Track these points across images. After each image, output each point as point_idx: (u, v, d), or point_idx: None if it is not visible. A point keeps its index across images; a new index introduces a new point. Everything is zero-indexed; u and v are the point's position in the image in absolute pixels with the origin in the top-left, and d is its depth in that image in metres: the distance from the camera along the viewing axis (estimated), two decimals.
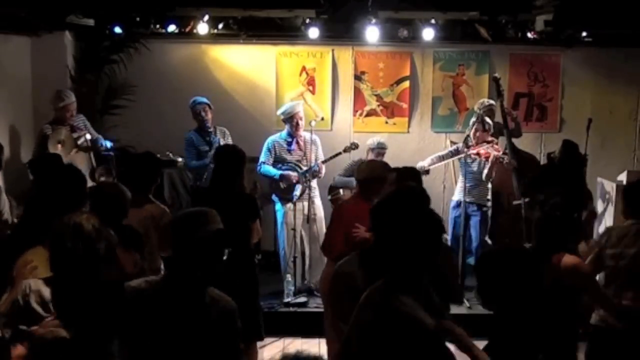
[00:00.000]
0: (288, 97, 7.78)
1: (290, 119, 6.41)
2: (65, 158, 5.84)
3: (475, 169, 6.52)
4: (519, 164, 6.49)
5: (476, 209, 6.57)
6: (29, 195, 4.90)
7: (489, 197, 6.64)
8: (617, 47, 7.56)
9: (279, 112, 6.67)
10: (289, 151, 6.48)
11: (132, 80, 7.44)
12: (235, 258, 4.55)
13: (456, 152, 6.64)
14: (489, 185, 6.61)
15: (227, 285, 4.46)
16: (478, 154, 6.41)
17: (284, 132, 6.53)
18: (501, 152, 6.40)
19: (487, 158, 6.39)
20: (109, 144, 6.65)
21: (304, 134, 6.49)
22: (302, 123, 6.43)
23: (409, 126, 7.93)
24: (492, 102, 7.01)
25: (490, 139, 6.52)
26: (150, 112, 7.60)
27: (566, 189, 5.01)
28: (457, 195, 6.67)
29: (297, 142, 6.48)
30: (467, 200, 6.52)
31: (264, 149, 6.53)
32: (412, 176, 4.42)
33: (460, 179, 6.65)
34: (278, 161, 6.48)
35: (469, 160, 6.50)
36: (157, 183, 4.51)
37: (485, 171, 6.41)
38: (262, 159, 6.51)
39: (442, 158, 6.67)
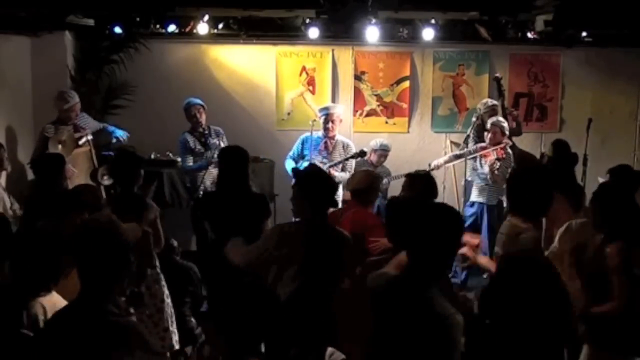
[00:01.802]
0: (288, 97, 7.79)
1: (325, 117, 6.41)
2: (66, 158, 5.83)
3: (486, 170, 6.51)
4: (520, 164, 6.48)
5: (486, 210, 6.58)
6: (29, 194, 4.92)
7: (502, 198, 6.58)
8: (617, 47, 7.57)
9: (317, 109, 6.68)
10: (315, 149, 6.43)
11: (132, 80, 7.44)
12: None
13: (473, 152, 6.67)
14: (505, 186, 6.56)
15: (238, 285, 4.49)
16: (484, 157, 6.43)
17: (321, 132, 6.51)
18: (502, 155, 6.38)
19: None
20: (121, 133, 6.61)
21: (340, 138, 6.47)
22: (333, 126, 6.41)
23: (409, 126, 7.93)
24: (495, 102, 7.02)
25: (505, 141, 6.47)
26: (150, 112, 7.59)
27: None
28: (472, 195, 6.70)
29: (326, 143, 6.45)
30: (479, 201, 6.58)
31: (296, 143, 6.55)
32: (424, 182, 4.44)
33: (476, 180, 6.67)
34: (302, 157, 6.48)
35: (481, 162, 6.51)
36: (139, 180, 4.50)
37: (489, 175, 6.41)
38: (290, 153, 6.52)
39: (458, 157, 6.71)
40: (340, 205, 5.20)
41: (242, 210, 4.49)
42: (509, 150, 6.47)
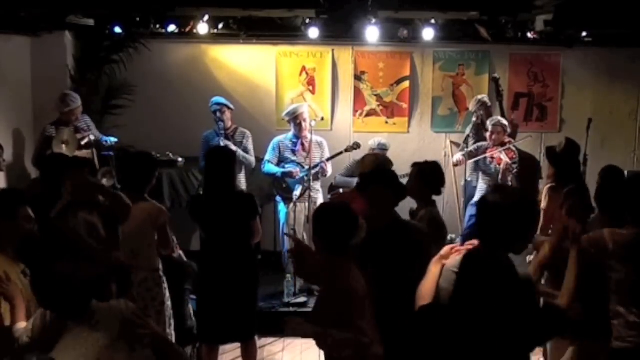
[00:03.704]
0: (288, 97, 7.79)
1: (294, 119, 6.41)
2: None
3: (492, 170, 6.53)
4: (518, 164, 6.50)
5: None
6: (33, 193, 4.91)
7: None
8: (617, 47, 7.57)
9: (283, 113, 6.69)
10: (294, 152, 6.47)
11: (132, 80, 7.44)
12: (236, 257, 4.59)
13: (475, 153, 6.68)
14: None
15: (228, 283, 4.51)
16: (492, 157, 6.44)
17: (291, 133, 6.53)
18: (514, 157, 6.40)
19: (499, 163, 6.43)
20: (112, 139, 6.61)
21: (310, 136, 6.48)
22: (305, 124, 6.42)
23: (409, 126, 7.93)
24: (484, 96, 7.06)
25: (507, 139, 6.51)
26: (150, 112, 7.60)
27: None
28: (477, 195, 6.71)
29: (302, 144, 6.47)
30: None
31: (270, 148, 6.54)
32: (433, 171, 4.46)
33: (481, 180, 6.68)
34: (282, 161, 6.50)
35: (487, 162, 6.52)
36: (152, 183, 4.49)
37: (500, 176, 6.43)
38: (266, 157, 6.52)
39: (472, 155, 6.66)
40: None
41: (230, 210, 4.50)
42: (513, 148, 6.51)
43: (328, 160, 6.47)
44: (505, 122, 6.53)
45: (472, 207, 6.71)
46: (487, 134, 6.53)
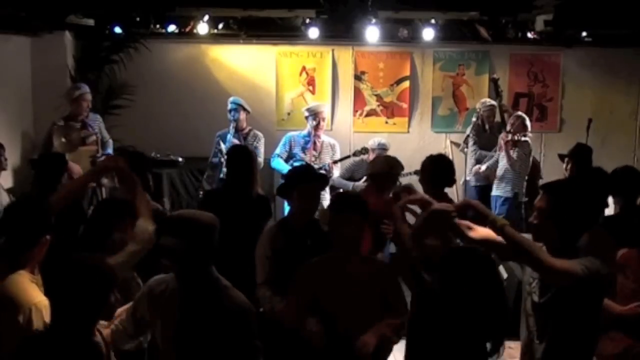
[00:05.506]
0: (288, 97, 7.79)
1: (314, 116, 6.40)
2: (69, 154, 5.80)
3: (503, 160, 6.63)
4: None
5: (500, 202, 6.72)
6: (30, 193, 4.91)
7: (517, 190, 6.65)
8: (617, 47, 7.57)
9: (303, 108, 6.67)
10: (304, 150, 6.45)
11: (132, 80, 7.44)
12: (246, 259, 4.59)
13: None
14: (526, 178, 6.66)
15: (236, 283, 4.50)
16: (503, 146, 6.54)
17: (305, 131, 6.52)
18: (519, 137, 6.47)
19: (506, 145, 6.51)
20: (109, 150, 6.63)
21: (324, 137, 6.47)
22: (323, 124, 6.42)
23: (409, 126, 7.93)
24: (493, 102, 7.05)
25: (529, 134, 6.59)
26: (150, 112, 7.60)
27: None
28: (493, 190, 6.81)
29: (314, 143, 6.46)
30: (496, 194, 6.70)
31: (281, 142, 6.53)
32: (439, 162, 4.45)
33: (499, 174, 6.76)
34: (290, 157, 6.48)
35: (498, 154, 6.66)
36: (146, 181, 4.46)
37: (508, 161, 6.52)
38: (276, 151, 6.51)
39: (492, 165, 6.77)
40: None
41: (242, 211, 4.50)
42: (530, 142, 6.53)
43: (335, 162, 6.43)
44: (526, 118, 6.62)
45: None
46: (509, 123, 6.60)
